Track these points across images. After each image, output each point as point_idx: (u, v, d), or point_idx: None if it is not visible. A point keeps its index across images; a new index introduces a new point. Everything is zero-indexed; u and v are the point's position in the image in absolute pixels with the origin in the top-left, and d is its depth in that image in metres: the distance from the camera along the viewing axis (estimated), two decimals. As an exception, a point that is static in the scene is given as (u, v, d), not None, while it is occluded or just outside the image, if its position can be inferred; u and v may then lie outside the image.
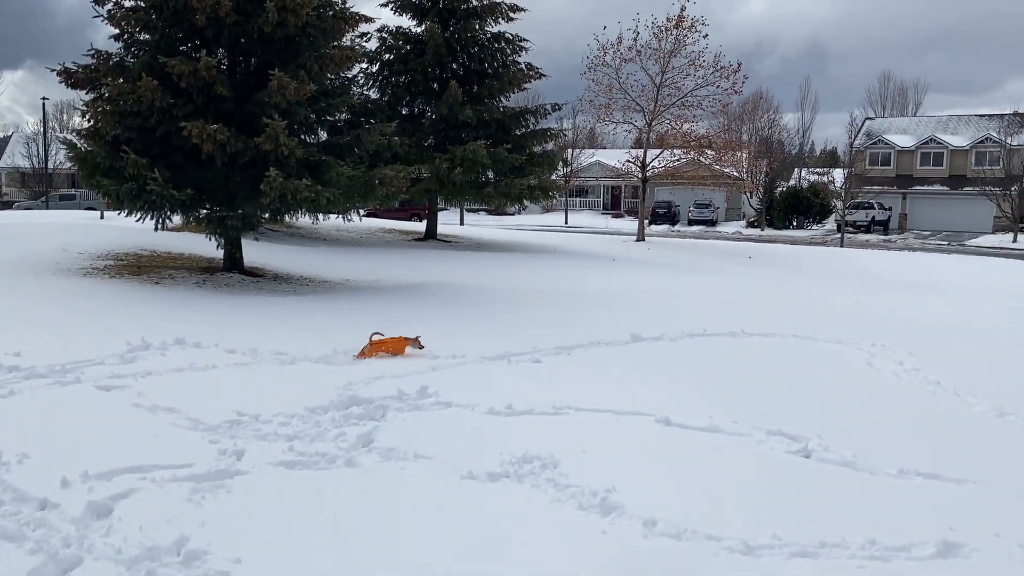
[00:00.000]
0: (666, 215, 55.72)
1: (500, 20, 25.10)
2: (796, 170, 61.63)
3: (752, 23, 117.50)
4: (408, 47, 24.81)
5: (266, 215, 13.88)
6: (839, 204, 45.76)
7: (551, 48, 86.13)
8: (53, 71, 13.37)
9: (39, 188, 58.23)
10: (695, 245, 34.98)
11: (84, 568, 3.91)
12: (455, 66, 25.00)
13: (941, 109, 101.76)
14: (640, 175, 33.97)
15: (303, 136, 14.83)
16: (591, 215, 62.20)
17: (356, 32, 16.74)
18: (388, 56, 25.10)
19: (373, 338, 8.56)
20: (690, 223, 55.97)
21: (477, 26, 24.69)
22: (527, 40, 25.55)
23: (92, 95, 13.54)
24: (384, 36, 24.94)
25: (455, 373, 7.92)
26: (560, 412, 6.72)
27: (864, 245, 40.93)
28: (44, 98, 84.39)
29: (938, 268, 26.25)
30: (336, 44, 14.67)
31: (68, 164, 25.36)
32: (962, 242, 44.91)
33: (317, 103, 14.53)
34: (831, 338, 10.59)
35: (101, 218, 28.13)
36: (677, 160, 34.24)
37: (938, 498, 5.16)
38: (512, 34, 25.44)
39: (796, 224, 54.43)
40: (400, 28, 25.10)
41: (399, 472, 5.23)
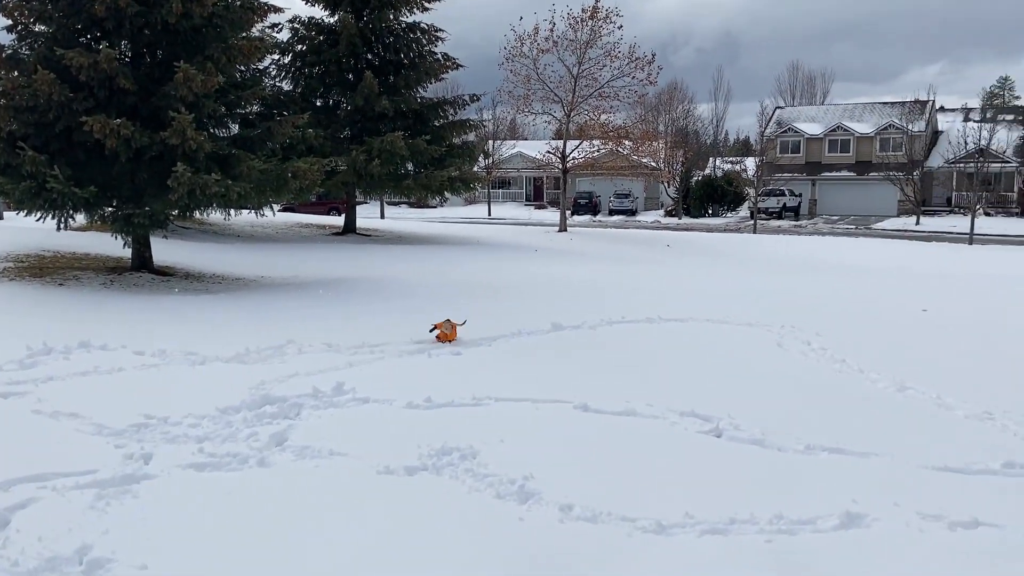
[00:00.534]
0: (587, 206, 56.36)
1: (415, 10, 24.86)
2: (711, 159, 63.13)
3: (666, 14, 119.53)
4: (321, 38, 24.38)
5: (175, 212, 13.46)
6: (752, 192, 47.06)
7: (469, 39, 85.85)
8: (-60, 64, 12.67)
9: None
10: (616, 235, 35.48)
11: (-23, 584, 3.74)
12: (370, 56, 24.69)
13: (847, 97, 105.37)
14: (561, 166, 34.23)
15: (212, 129, 14.42)
16: (514, 206, 62.40)
17: (266, 23, 16.35)
18: (301, 47, 24.60)
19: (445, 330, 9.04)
20: (611, 213, 56.71)
21: (392, 16, 24.40)
22: (443, 30, 25.40)
23: (-16, 90, 12.87)
24: (296, 27, 24.43)
25: (373, 368, 7.84)
26: (480, 403, 6.72)
27: (776, 231, 42.21)
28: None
29: (846, 251, 27.27)
30: (245, 35, 14.30)
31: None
32: (868, 226, 46.75)
33: (226, 95, 14.14)
34: (743, 321, 10.89)
35: (0, 218, 26.81)
36: (596, 151, 34.63)
37: (842, 472, 5.35)
38: (428, 24, 25.25)
39: (712, 212, 55.73)
40: (312, 18, 24.64)
41: (313, 470, 5.15)
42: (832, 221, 50.74)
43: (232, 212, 14.92)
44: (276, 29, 22.34)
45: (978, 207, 40.03)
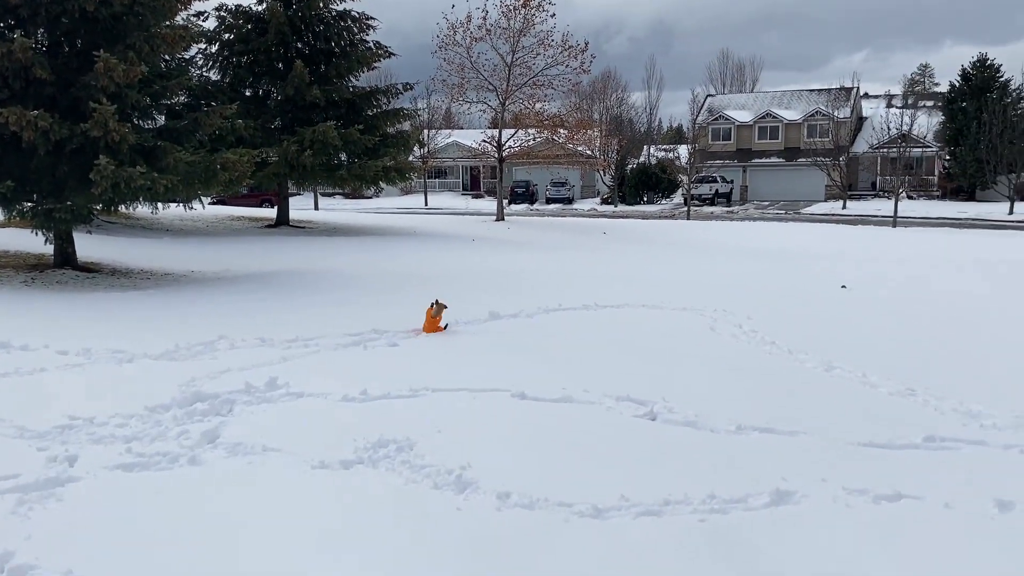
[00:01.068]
0: (524, 194, 56.50)
1: (346, -2, 24.55)
2: (645, 147, 63.84)
3: (599, 3, 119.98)
4: (249, 26, 23.86)
5: (99, 206, 13.06)
6: (685, 179, 47.77)
7: (402, 27, 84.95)
8: None
9: None
10: (553, 223, 35.65)
11: None
12: (300, 45, 24.27)
13: (776, 85, 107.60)
14: (497, 155, 34.21)
15: (137, 121, 14.01)
16: (451, 196, 62.14)
17: (191, 11, 15.92)
18: (228, 36, 24.03)
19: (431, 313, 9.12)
20: (548, 201, 56.94)
21: (321, 4, 24.02)
22: (375, 18, 25.14)
23: None
24: (223, 15, 23.85)
25: (307, 362, 7.72)
26: (417, 394, 6.68)
27: (709, 217, 42.95)
28: None
29: (776, 236, 27.89)
30: (168, 23, 13.89)
31: None
32: (798, 210, 47.94)
33: (151, 86, 13.74)
34: (677, 306, 11.06)
35: (-89, 216, 25.59)
36: (532, 140, 34.70)
37: (772, 450, 5.49)
38: (359, 12, 24.96)
39: (647, 199, 56.41)
40: (240, 6, 24.07)
41: (246, 467, 5.05)
42: (763, 207, 51.86)
43: (160, 206, 14.53)
44: (202, 17, 21.88)
45: (901, 191, 41.39)
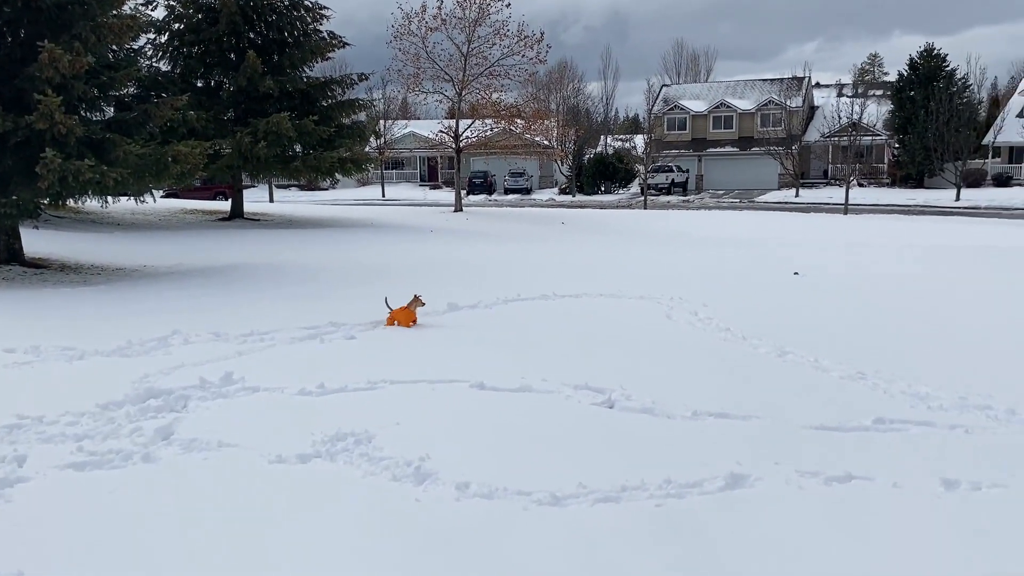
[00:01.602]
0: (482, 185, 56.42)
1: (298, -13, 24.23)
2: (602, 137, 64.14)
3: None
4: (200, 16, 23.45)
5: (46, 200, 12.76)
6: (642, 168, 48.12)
7: (357, 16, 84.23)
8: None
9: None
10: (511, 213, 35.68)
11: None
12: (252, 35, 23.92)
13: (730, 75, 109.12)
14: (454, 145, 34.10)
15: (84, 113, 13.70)
16: (409, 187, 61.84)
17: (138, 0, 15.61)
18: (178, 25, 23.59)
19: (389, 303, 9.13)
20: (506, 192, 56.96)
21: (274, -7, 23.70)
22: (328, 8, 24.90)
23: None
24: (172, 4, 23.40)
25: (263, 356, 7.64)
26: (375, 387, 6.65)
27: (665, 207, 43.36)
28: None
29: (731, 224, 28.27)
30: (115, 13, 13.59)
31: None
32: (752, 199, 48.60)
33: (98, 77, 13.43)
34: (634, 295, 11.16)
35: None
36: (489, 130, 34.65)
37: (727, 435, 5.57)
38: (312, 2, 24.69)
39: (604, 189, 56.72)
40: (189, -5, 23.64)
41: (201, 463, 4.99)
42: (718, 195, 52.47)
43: (110, 199, 14.27)
44: (150, 6, 21.39)
45: (852, 178, 42.19)
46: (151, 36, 23.06)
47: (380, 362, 7.37)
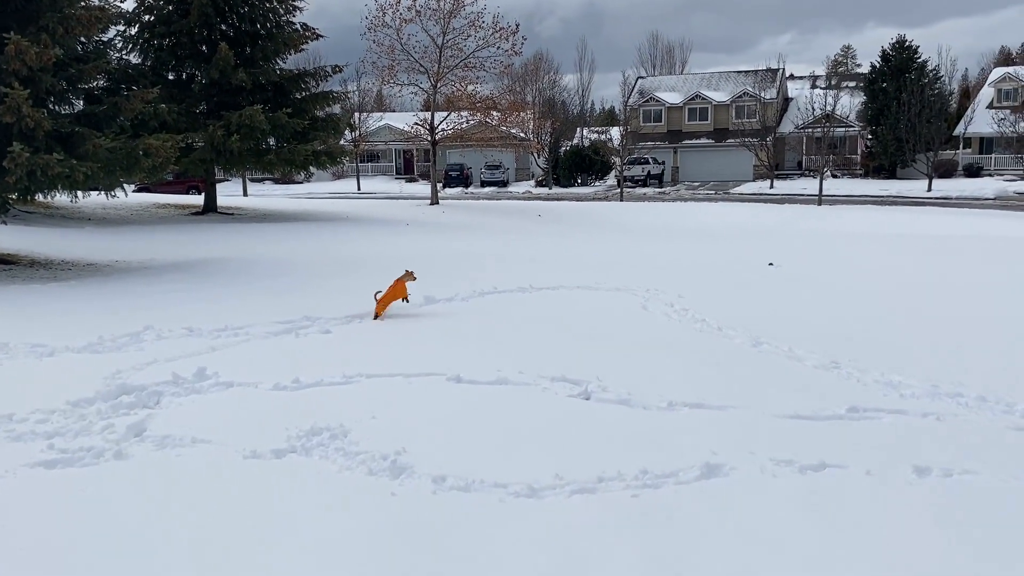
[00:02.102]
0: (459, 178, 56.23)
1: (271, -21, 23.98)
2: (578, 129, 64.12)
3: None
4: (171, 7, 23.15)
5: (14, 195, 12.55)
6: (618, 160, 48.20)
7: (330, 8, 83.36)
8: None
9: None
10: (488, 206, 35.63)
11: None
12: (224, 27, 23.65)
13: (705, 67, 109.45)
14: (430, 138, 33.96)
15: (53, 106, 13.50)
16: (384, 180, 61.49)
17: (107, -10, 15.35)
18: (148, 17, 23.29)
19: (377, 297, 9.04)
20: (483, 184, 56.82)
21: (246, -16, 23.44)
22: (301, -1, 24.64)
23: None
24: (142, -5, 23.08)
25: (237, 351, 7.58)
26: (350, 381, 6.62)
27: (641, 199, 43.48)
28: None
29: (706, 216, 28.42)
30: (83, 4, 13.38)
31: None
32: (727, 190, 48.86)
33: (66, 69, 13.23)
34: (611, 287, 11.19)
35: None
36: (465, 122, 34.54)
37: (703, 425, 5.60)
38: (285, -7, 24.42)
39: (580, 181, 56.75)
40: (160, -14, 23.33)
41: (175, 460, 4.94)
42: (693, 187, 52.70)
43: (80, 194, 14.05)
44: (119, -3, 21.05)
45: (826, 170, 42.53)
46: (121, 28, 22.74)
47: (356, 356, 7.33)
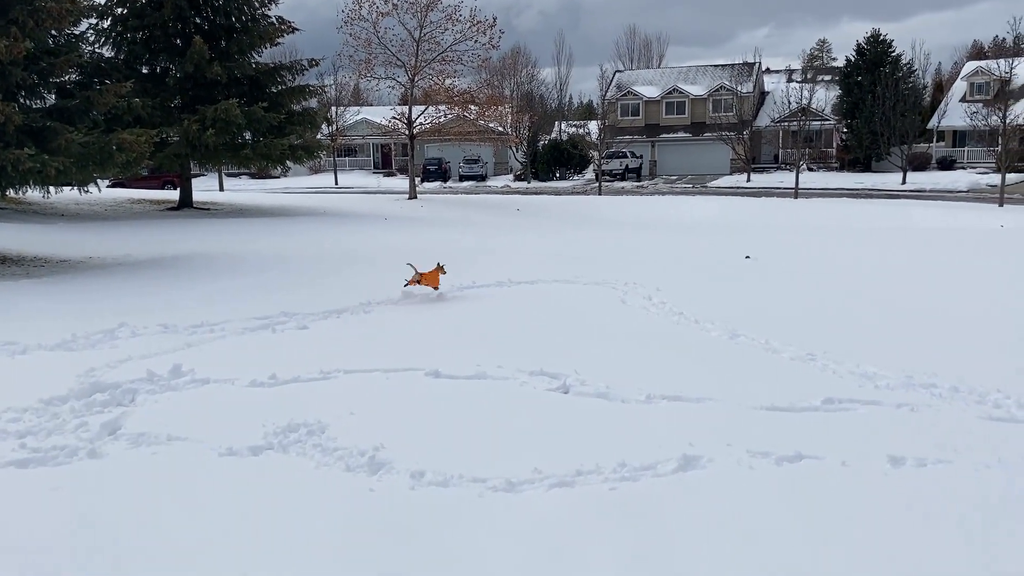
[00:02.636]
0: (437, 172, 56.06)
1: (245, -29, 23.74)
2: (556, 123, 64.17)
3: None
4: (143, 0, 22.83)
5: (-16, 191, 12.37)
6: (596, 155, 48.29)
7: (307, 1, 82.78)
8: None
9: None
10: (466, 200, 35.57)
11: None
12: (199, 20, 23.41)
13: (682, 60, 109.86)
14: (407, 132, 33.81)
15: (24, 100, 13.30)
16: (362, 175, 61.22)
17: (78, -17, 15.12)
18: (121, 10, 22.97)
19: (418, 269, 9.82)
20: (461, 179, 56.70)
21: (220, -23, 23.20)
22: (277, -8, 24.43)
23: None
24: (114, -12, 22.76)
25: (213, 347, 7.52)
26: (328, 376, 6.59)
27: (620, 192, 43.60)
28: None
29: (683, 209, 28.54)
30: (54, -4, 13.17)
31: None
32: (704, 184, 49.12)
33: (37, 63, 13.05)
34: (589, 281, 11.21)
35: None
36: (443, 116, 34.41)
37: (680, 418, 5.63)
38: (260, -14, 24.19)
39: (559, 175, 56.80)
40: (132, -21, 23.02)
41: (150, 458, 4.89)
42: (671, 181, 52.90)
43: (52, 189, 13.89)
44: (91, -10, 20.77)
45: (802, 163, 42.83)
46: (93, 21, 22.45)
47: (333, 352, 7.30)
